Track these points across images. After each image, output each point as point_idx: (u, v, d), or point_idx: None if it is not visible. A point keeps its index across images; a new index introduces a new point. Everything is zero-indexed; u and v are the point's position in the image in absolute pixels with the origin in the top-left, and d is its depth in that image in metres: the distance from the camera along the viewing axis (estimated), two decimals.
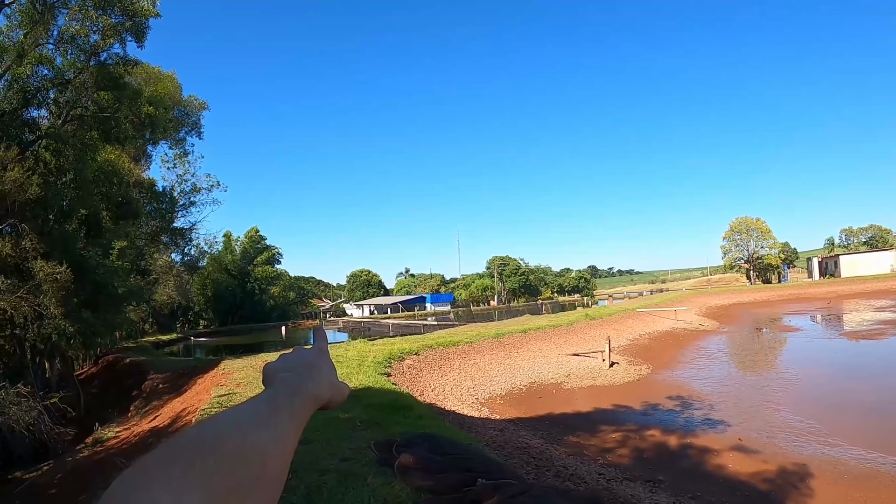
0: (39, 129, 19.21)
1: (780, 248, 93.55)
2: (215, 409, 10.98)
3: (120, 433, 15.02)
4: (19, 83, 17.78)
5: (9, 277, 15.81)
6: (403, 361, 18.97)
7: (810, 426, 13.39)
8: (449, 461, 6.93)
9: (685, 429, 13.91)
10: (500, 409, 16.34)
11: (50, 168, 18.98)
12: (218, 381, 15.21)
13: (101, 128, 20.27)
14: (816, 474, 10.26)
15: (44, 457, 15.46)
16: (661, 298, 59.68)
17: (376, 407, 10.72)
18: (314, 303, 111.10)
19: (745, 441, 12.50)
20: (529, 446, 11.71)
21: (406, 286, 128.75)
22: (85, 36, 18.34)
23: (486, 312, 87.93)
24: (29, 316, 15.81)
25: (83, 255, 18.81)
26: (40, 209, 17.86)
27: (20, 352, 18.91)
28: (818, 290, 65.28)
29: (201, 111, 36.97)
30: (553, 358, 23.78)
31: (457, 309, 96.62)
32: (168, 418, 13.43)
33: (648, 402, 16.75)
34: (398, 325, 54.71)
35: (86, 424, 18.19)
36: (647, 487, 9.77)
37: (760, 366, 23.31)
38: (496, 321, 42.96)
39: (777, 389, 17.73)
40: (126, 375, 27.28)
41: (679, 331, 34.98)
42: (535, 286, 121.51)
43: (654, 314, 40.12)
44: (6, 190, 15.67)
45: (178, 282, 49.36)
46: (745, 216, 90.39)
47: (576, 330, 30.27)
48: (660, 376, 20.90)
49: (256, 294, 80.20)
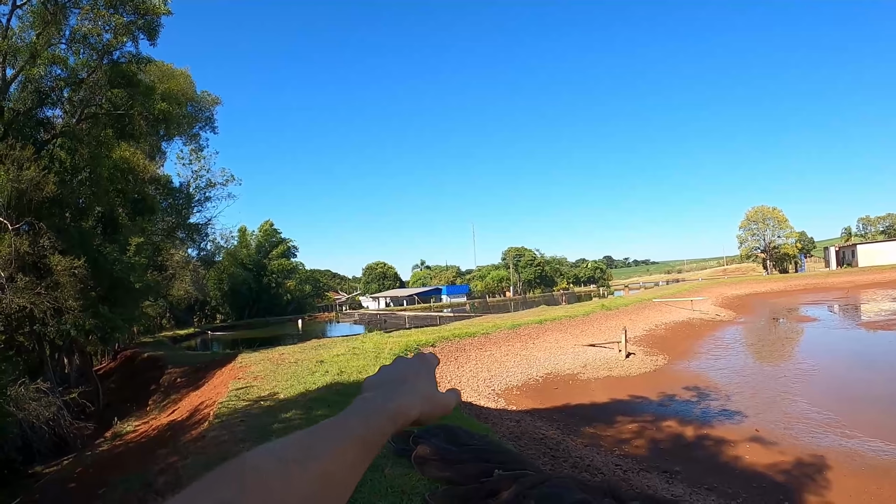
0: (54, 128, 19.38)
1: (796, 238, 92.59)
2: (233, 402, 11.08)
3: (139, 427, 15.20)
4: (33, 83, 17.93)
5: (27, 275, 16.00)
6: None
7: (827, 417, 13.29)
8: (466, 452, 6.95)
9: (702, 420, 13.85)
10: (516, 400, 16.35)
11: (65, 166, 19.16)
12: (235, 375, 15.32)
13: (116, 125, 20.41)
14: (833, 466, 10.20)
15: (64, 451, 15.65)
16: (678, 288, 59.30)
17: None
18: (330, 296, 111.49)
19: (762, 432, 12.42)
20: (546, 437, 11.72)
21: (422, 278, 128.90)
22: (97, 35, 18.44)
23: (501, 303, 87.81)
24: (48, 312, 16.00)
25: (100, 251, 18.97)
26: (56, 207, 18.04)
27: (39, 348, 19.14)
28: (835, 280, 64.57)
29: (215, 106, 37.15)
30: (569, 349, 23.73)
31: (473, 300, 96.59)
32: (186, 412, 13.55)
33: (665, 393, 16.70)
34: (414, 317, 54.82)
35: (105, 419, 18.41)
36: (664, 478, 9.75)
37: (777, 356, 23.15)
38: (512, 312, 42.89)
39: (794, 380, 17.60)
40: (144, 370, 27.57)
41: (695, 321, 34.78)
42: (551, 277, 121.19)
43: (670, 304, 39.89)
44: (22, 188, 15.85)
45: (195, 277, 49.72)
46: (762, 205, 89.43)
47: (592, 320, 30.17)
48: (676, 367, 20.82)
49: (272, 288, 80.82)
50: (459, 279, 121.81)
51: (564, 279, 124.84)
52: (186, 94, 32.64)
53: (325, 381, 12.78)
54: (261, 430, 8.26)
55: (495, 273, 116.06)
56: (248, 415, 9.64)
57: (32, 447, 14.80)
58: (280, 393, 11.75)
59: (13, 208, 16.13)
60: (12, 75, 17.79)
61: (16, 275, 15.72)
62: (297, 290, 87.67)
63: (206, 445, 7.65)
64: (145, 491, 6.99)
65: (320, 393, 11.37)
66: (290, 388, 12.14)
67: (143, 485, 7.48)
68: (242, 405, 10.70)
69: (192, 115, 34.88)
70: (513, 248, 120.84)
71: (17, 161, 16.03)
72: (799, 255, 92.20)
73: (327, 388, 11.86)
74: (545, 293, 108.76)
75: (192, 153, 39.60)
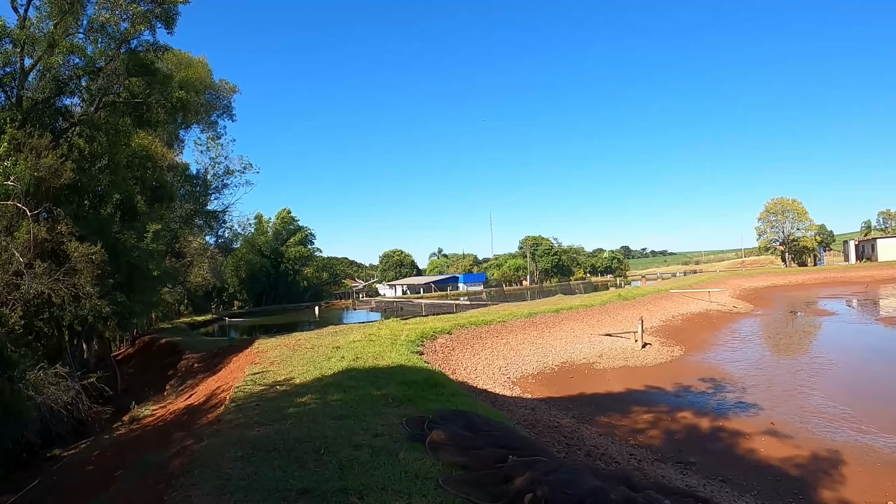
0: (72, 117, 19.54)
1: (816, 230, 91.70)
2: (249, 386, 11.18)
3: (156, 411, 15.39)
4: (51, 72, 18.06)
5: (45, 261, 16.19)
6: (436, 340, 19.08)
7: (843, 412, 13.18)
8: (480, 438, 6.95)
9: (717, 411, 13.79)
10: (531, 389, 16.35)
11: (84, 154, 19.32)
12: (252, 360, 15.46)
13: (134, 113, 20.54)
14: (848, 461, 10.14)
15: (82, 434, 15.87)
16: (695, 280, 59.03)
17: (409, 384, 10.79)
18: (347, 283, 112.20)
19: (778, 425, 12.36)
20: (560, 425, 11.72)
21: (439, 266, 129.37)
22: (115, 24, 18.55)
23: (518, 292, 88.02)
24: (66, 298, 16.19)
25: (118, 238, 19.15)
26: (75, 194, 18.22)
27: (58, 334, 19.39)
28: (854, 274, 63.91)
29: (232, 94, 37.32)
30: (585, 338, 23.70)
31: (489, 289, 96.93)
32: (203, 396, 13.70)
33: (680, 384, 16.63)
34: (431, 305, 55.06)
35: (123, 403, 18.65)
36: (678, 469, 9.74)
37: (794, 349, 22.97)
38: (528, 301, 42.95)
39: (811, 374, 17.47)
40: (162, 355, 27.89)
41: (712, 312, 34.60)
42: (568, 266, 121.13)
43: (687, 295, 39.71)
44: (41, 176, 16.01)
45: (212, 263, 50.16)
46: (781, 197, 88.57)
47: (608, 310, 30.13)
48: (692, 358, 20.72)
49: (290, 275, 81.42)
50: (476, 267, 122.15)
51: (581, 269, 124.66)
52: (204, 83, 32.83)
53: (341, 366, 12.84)
54: (276, 414, 8.33)
55: (512, 262, 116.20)
56: (264, 399, 9.71)
57: (51, 431, 15.00)
58: (296, 378, 11.82)
59: (32, 195, 16.31)
60: (30, 65, 17.92)
61: (34, 261, 15.92)
62: (314, 278, 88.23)
63: (222, 429, 7.71)
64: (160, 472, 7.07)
65: (336, 378, 11.43)
66: (305, 374, 12.23)
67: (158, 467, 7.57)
68: (258, 390, 10.79)
69: (210, 103, 35.12)
70: (530, 237, 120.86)
71: (36, 149, 16.19)
72: (818, 249, 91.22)
73: (343, 374, 11.93)
74: (562, 282, 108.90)
75: (210, 141, 39.85)
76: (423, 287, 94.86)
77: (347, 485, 5.28)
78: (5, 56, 17.32)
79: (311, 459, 6.05)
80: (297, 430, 7.29)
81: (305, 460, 6.02)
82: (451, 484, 5.36)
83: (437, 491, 5.24)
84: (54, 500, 9.62)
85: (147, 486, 6.94)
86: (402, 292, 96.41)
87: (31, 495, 10.29)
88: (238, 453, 6.34)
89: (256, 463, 5.99)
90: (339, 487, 5.21)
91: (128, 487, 7.61)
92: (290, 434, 7.06)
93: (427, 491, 5.24)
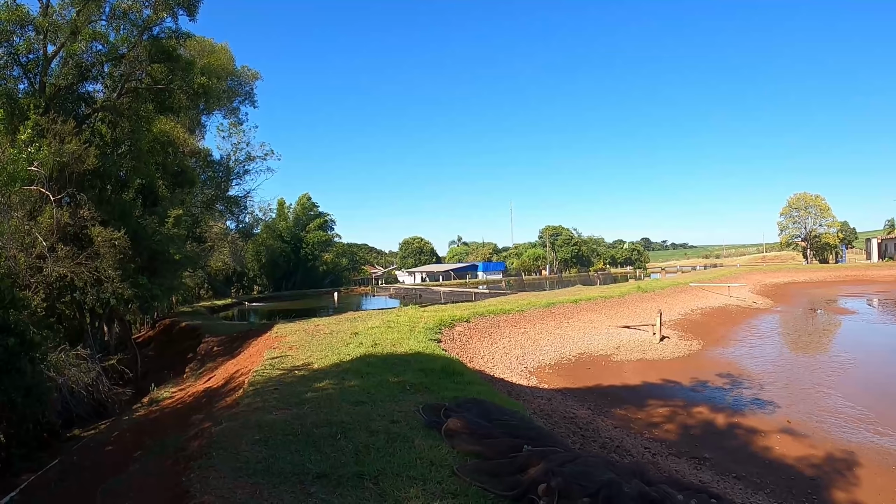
0: (95, 103, 19.77)
1: (838, 228, 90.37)
2: (268, 370, 11.30)
3: (175, 394, 15.56)
4: (74, 59, 18.28)
5: (68, 244, 16.43)
6: (454, 328, 19.15)
7: (861, 413, 13.04)
8: (496, 427, 6.98)
9: (733, 408, 13.71)
10: (548, 379, 16.37)
11: (106, 140, 19.57)
12: (271, 344, 15.60)
13: (156, 99, 20.72)
14: (864, 463, 10.04)
15: (102, 416, 16.08)
16: (715, 274, 58.56)
17: (426, 371, 10.86)
18: (366, 269, 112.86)
19: (794, 424, 12.26)
20: (576, 417, 11.73)
21: (458, 254, 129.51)
22: (137, 11, 18.75)
23: (537, 282, 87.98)
24: (88, 281, 16.44)
25: (140, 222, 19.36)
26: (97, 179, 18.46)
27: (80, 316, 19.71)
28: (877, 273, 62.85)
29: (254, 81, 37.42)
30: (603, 329, 23.65)
31: (508, 278, 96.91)
32: (222, 379, 13.83)
33: (697, 379, 16.55)
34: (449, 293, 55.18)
35: (142, 385, 18.89)
36: (692, 464, 9.71)
37: (813, 348, 22.74)
38: (547, 291, 42.88)
39: (829, 373, 17.29)
40: (182, 339, 28.21)
41: (732, 307, 34.30)
42: (588, 257, 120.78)
43: (706, 289, 39.42)
44: (64, 161, 16.23)
45: (233, 248, 50.56)
46: (804, 192, 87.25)
47: (627, 302, 30.02)
48: (710, 353, 20.59)
49: (309, 260, 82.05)
50: (496, 256, 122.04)
51: (601, 259, 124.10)
52: (226, 69, 32.99)
53: (359, 352, 12.94)
54: (294, 399, 8.42)
55: (532, 251, 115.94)
56: (282, 383, 9.81)
57: (72, 411, 15.24)
58: (314, 363, 11.93)
59: (55, 180, 16.57)
60: (53, 51, 18.14)
61: (57, 245, 16.17)
62: (334, 264, 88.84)
63: (240, 412, 7.81)
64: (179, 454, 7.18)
65: (354, 364, 11.52)
66: (324, 359, 12.33)
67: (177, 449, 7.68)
68: (277, 374, 10.90)
69: (232, 89, 35.29)
70: (550, 227, 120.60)
71: (59, 135, 16.42)
72: (840, 246, 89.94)
73: (361, 360, 12.02)
74: (581, 273, 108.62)
75: (232, 127, 40.02)
76: (443, 275, 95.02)
77: (363, 470, 5.33)
78: (28, 43, 17.58)
79: (327, 444, 6.12)
80: (314, 414, 7.36)
81: (322, 445, 6.09)
82: (466, 472, 5.40)
83: (452, 478, 5.29)
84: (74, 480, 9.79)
85: (166, 467, 7.06)
86: (421, 279, 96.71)
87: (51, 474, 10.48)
88: (256, 437, 6.42)
89: (274, 447, 6.06)
90: (355, 472, 5.27)
91: (146, 469, 7.73)
92: (308, 419, 7.13)
93: (442, 478, 5.28)
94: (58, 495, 9.08)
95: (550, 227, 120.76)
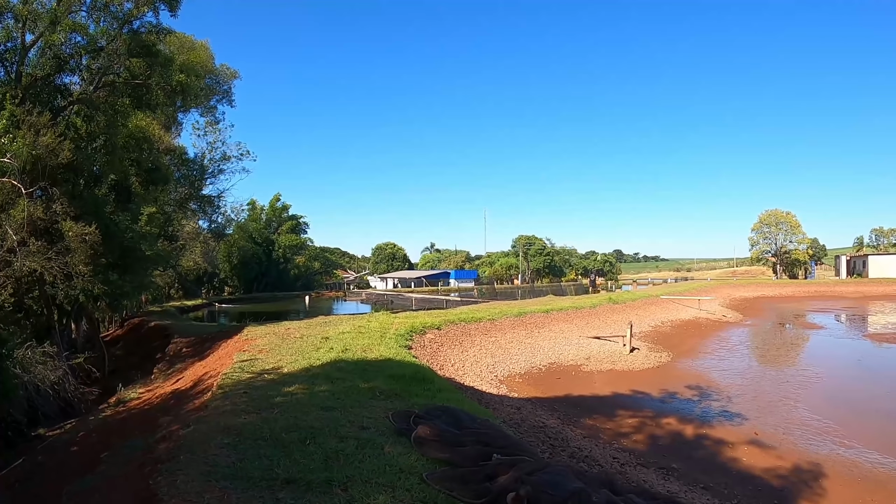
0: (71, 95, 19.41)
1: (808, 244, 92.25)
2: (237, 373, 11.18)
3: (143, 394, 15.31)
4: (52, 50, 17.94)
5: (39, 239, 16.13)
6: (425, 335, 19.13)
7: (827, 425, 13.33)
8: (466, 435, 6.99)
9: (702, 419, 13.90)
10: (518, 388, 16.42)
11: (81, 133, 19.21)
12: (241, 347, 15.43)
13: (133, 94, 20.40)
14: (830, 474, 10.25)
15: (68, 415, 15.79)
16: (686, 287, 59.34)
17: (397, 378, 10.83)
18: (338, 274, 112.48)
19: (761, 435, 12.49)
20: (546, 426, 11.78)
21: (431, 261, 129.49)
22: (118, 4, 18.45)
23: (509, 291, 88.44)
24: (58, 276, 16.14)
25: (112, 219, 19.05)
26: (71, 174, 18.11)
27: (48, 313, 19.33)
28: (844, 289, 64.46)
29: (232, 80, 37.03)
30: (574, 340, 23.80)
31: (481, 286, 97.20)
32: (190, 381, 13.65)
33: (667, 390, 16.75)
34: (421, 300, 55.10)
35: (110, 385, 18.56)
36: (661, 474, 9.81)
37: (781, 361, 23.13)
38: (519, 300, 43.10)
39: (796, 386, 17.64)
40: (151, 338, 27.84)
41: (702, 320, 34.78)
42: (560, 267, 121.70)
43: (677, 302, 39.89)
44: (39, 154, 15.93)
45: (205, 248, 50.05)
46: (776, 209, 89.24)
47: (598, 313, 30.28)
48: (680, 364, 20.84)
49: (281, 263, 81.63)
50: (468, 264, 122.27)
51: (573, 270, 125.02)
52: (205, 67, 32.60)
53: (330, 357, 12.86)
54: (263, 403, 8.35)
55: (504, 260, 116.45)
56: (252, 387, 9.71)
57: (38, 410, 14.95)
58: (284, 367, 11.83)
59: (28, 173, 16.22)
60: (32, 41, 17.80)
61: (28, 239, 15.86)
62: (306, 267, 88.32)
63: (209, 415, 7.72)
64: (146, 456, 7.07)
65: (324, 369, 11.45)
66: (294, 363, 12.23)
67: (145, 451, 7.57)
68: (246, 377, 10.78)
69: (210, 87, 34.86)
70: (523, 236, 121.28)
71: (34, 126, 16.10)
72: (809, 262, 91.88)
73: (331, 365, 11.94)
74: (553, 283, 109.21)
75: (208, 125, 39.56)
76: (415, 281, 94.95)
77: (332, 476, 5.30)
78: (7, 31, 17.22)
79: (296, 449, 6.07)
80: (283, 419, 7.30)
81: (291, 450, 6.04)
82: (436, 479, 5.40)
83: (422, 486, 5.28)
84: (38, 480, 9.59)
85: (133, 469, 6.94)
86: (393, 285, 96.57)
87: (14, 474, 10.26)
88: (224, 440, 6.36)
89: (243, 450, 6.01)
90: (324, 479, 5.23)
91: (113, 470, 7.60)
92: (277, 423, 7.07)
93: (411, 485, 5.27)
94: (21, 496, 8.88)
95: (524, 237, 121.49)
